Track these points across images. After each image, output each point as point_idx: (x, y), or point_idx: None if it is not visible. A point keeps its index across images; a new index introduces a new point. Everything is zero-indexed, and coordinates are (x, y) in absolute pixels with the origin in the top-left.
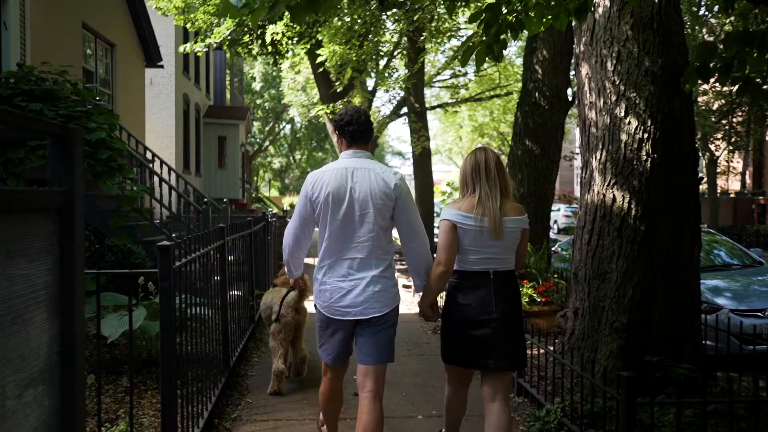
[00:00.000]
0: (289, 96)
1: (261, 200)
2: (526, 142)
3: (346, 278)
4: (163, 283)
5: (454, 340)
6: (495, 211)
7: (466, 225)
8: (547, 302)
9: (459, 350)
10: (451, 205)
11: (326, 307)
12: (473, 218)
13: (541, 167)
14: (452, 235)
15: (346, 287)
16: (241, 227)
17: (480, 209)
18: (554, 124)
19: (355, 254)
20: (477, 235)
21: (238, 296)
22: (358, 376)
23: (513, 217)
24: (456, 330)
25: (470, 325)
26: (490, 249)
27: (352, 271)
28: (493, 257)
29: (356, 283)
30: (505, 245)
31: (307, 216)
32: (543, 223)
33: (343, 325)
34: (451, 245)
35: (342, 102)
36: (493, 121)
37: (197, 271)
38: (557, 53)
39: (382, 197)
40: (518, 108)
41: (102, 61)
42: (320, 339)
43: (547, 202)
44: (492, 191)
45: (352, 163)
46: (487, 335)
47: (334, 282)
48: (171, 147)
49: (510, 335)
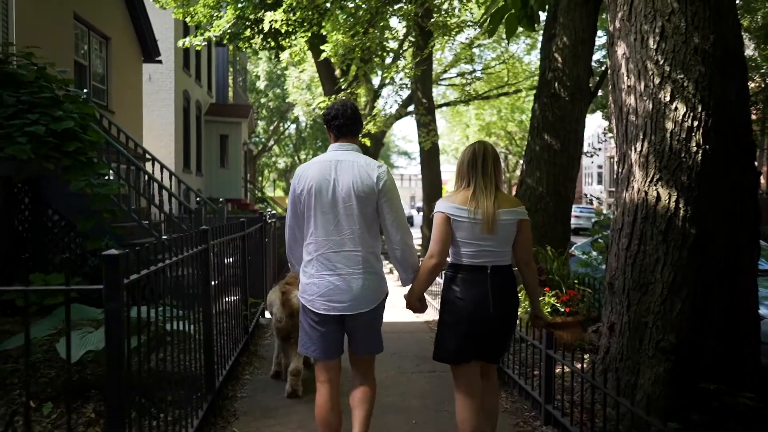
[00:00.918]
0: (293, 95)
1: (265, 200)
2: (545, 137)
3: (333, 272)
4: (110, 304)
5: (450, 337)
6: (488, 206)
7: (459, 217)
8: (572, 312)
9: (453, 346)
10: (446, 197)
11: (312, 301)
12: (467, 210)
13: (561, 163)
14: (446, 227)
15: (334, 282)
16: (232, 229)
17: (473, 203)
18: (575, 116)
19: (340, 247)
20: (470, 228)
21: (229, 304)
22: (350, 361)
23: (507, 209)
24: (454, 326)
25: (468, 322)
26: (485, 242)
27: (339, 265)
28: (489, 250)
29: (343, 278)
30: (500, 238)
31: (297, 210)
32: (563, 224)
33: (330, 320)
34: (445, 238)
35: (345, 93)
36: (500, 120)
37: (170, 280)
38: (578, 40)
39: (365, 189)
40: (536, 100)
41: (96, 54)
42: (303, 337)
43: (567, 201)
44: (487, 186)
45: (337, 156)
46: (484, 332)
47: (320, 275)
48: (170, 145)
49: (503, 331)
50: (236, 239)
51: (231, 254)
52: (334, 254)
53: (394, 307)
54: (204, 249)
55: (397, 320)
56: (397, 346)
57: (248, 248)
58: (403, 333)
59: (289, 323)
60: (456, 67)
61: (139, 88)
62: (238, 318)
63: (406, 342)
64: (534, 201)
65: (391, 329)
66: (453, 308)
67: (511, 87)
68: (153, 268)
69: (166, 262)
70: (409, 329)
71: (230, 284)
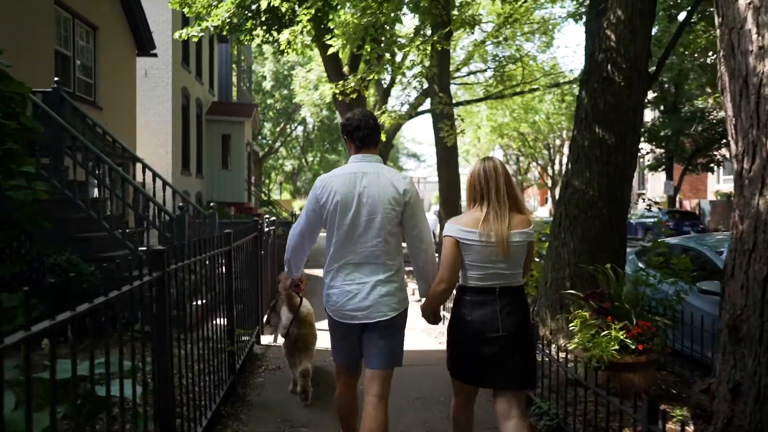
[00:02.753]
0: (300, 95)
1: (270, 204)
2: (596, 130)
3: (353, 282)
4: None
5: (461, 358)
6: (502, 230)
7: (468, 240)
8: (645, 350)
9: (467, 368)
10: (455, 220)
11: (334, 311)
12: (477, 233)
13: (617, 161)
14: (455, 252)
15: (353, 291)
16: (209, 245)
17: (486, 225)
18: (632, 105)
19: (362, 259)
20: (481, 251)
21: (208, 337)
22: (365, 381)
23: (519, 231)
24: (463, 347)
25: (477, 343)
26: (497, 265)
27: (359, 275)
28: (499, 272)
29: (362, 286)
30: (511, 261)
31: (315, 220)
32: (620, 235)
33: (351, 329)
34: (454, 262)
35: (355, 80)
36: (513, 121)
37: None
38: (635, 13)
39: (391, 202)
40: (582, 87)
41: (82, 45)
42: (331, 342)
43: (624, 206)
44: (501, 210)
45: (362, 168)
46: (495, 353)
47: (341, 285)
48: (167, 145)
49: (518, 352)
50: (216, 257)
51: (208, 277)
52: (358, 265)
53: (413, 330)
54: (158, 277)
55: (418, 347)
56: (421, 387)
57: (239, 264)
58: (428, 366)
59: (295, 331)
60: (468, 65)
61: (132, 84)
62: (220, 354)
63: (433, 381)
64: (583, 207)
65: (413, 360)
66: (462, 329)
67: (526, 86)
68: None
69: (77, 310)
70: (433, 359)
71: (209, 314)
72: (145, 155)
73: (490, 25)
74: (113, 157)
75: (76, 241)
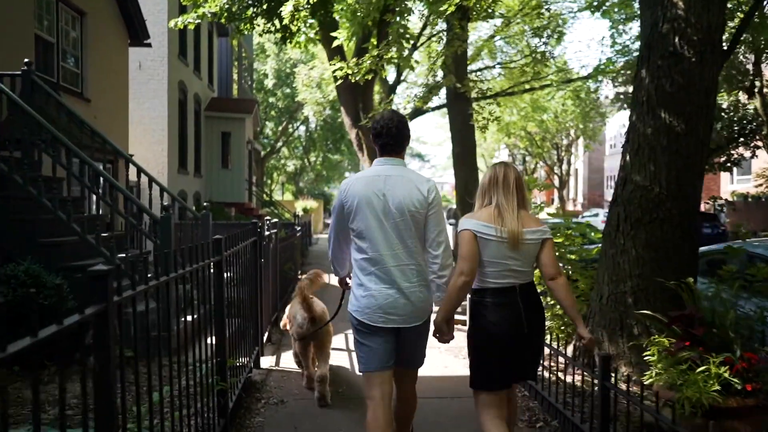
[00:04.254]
0: (303, 93)
1: (272, 204)
2: (661, 115)
3: (391, 286)
4: None
5: (489, 365)
6: (513, 222)
7: (486, 235)
8: (754, 391)
9: (495, 373)
10: (470, 215)
11: (368, 316)
12: (494, 228)
13: (687, 152)
14: (473, 245)
15: (393, 295)
16: (191, 256)
17: (499, 220)
18: (704, 84)
19: (396, 261)
20: (498, 247)
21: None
22: (395, 374)
23: (531, 229)
24: (490, 353)
25: (505, 345)
26: (512, 261)
27: (397, 279)
28: (515, 270)
29: (402, 291)
30: (524, 258)
31: (343, 222)
32: (691, 241)
33: (387, 332)
34: (474, 255)
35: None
36: (521, 120)
37: None
38: None
39: (416, 204)
40: (642, 65)
41: (67, 31)
42: (362, 353)
43: (695, 206)
44: (508, 202)
45: (386, 171)
46: (520, 351)
47: (380, 290)
48: (163, 141)
49: (535, 346)
50: (200, 271)
51: (190, 297)
52: (391, 268)
53: (436, 348)
54: (101, 311)
55: (445, 371)
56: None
57: (232, 274)
58: (463, 399)
59: (311, 328)
60: (477, 61)
61: (124, 75)
62: (208, 394)
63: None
64: (647, 207)
65: (444, 390)
66: (486, 333)
67: (537, 83)
68: None
69: None
70: (466, 389)
71: (192, 339)
72: (139, 152)
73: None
74: (101, 152)
75: (42, 247)
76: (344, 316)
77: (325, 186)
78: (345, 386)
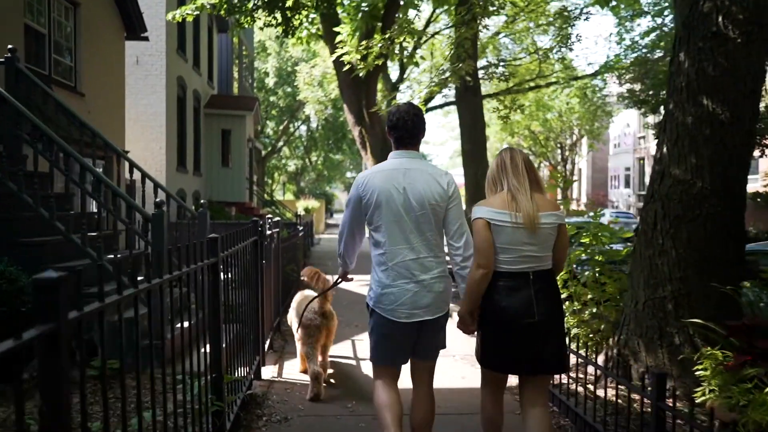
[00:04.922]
0: (304, 92)
1: (274, 204)
2: (704, 102)
3: (411, 280)
4: None
5: (494, 346)
6: (527, 205)
7: (500, 221)
8: None
9: (500, 356)
10: (482, 203)
11: (390, 311)
12: (507, 214)
13: (733, 143)
14: (487, 234)
15: (413, 289)
16: (182, 256)
17: (514, 205)
18: (752, 69)
19: (416, 255)
20: (513, 233)
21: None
22: (412, 370)
23: (547, 213)
24: (496, 334)
25: (512, 330)
26: (527, 246)
27: (417, 273)
28: (530, 255)
29: (423, 284)
30: (541, 242)
31: (359, 216)
32: (736, 241)
33: (406, 327)
34: (489, 245)
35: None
36: (524, 118)
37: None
38: None
39: (436, 197)
40: (680, 47)
41: (59, 21)
42: (378, 347)
43: (741, 203)
44: (521, 184)
45: (404, 164)
46: (530, 339)
47: (401, 284)
48: (161, 139)
49: (552, 337)
50: (191, 275)
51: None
52: (411, 262)
53: (451, 357)
54: (50, 332)
55: (462, 383)
56: None
57: (231, 276)
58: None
59: (323, 322)
60: (481, 59)
61: (120, 70)
62: (201, 416)
63: None
64: (689, 204)
65: (462, 405)
66: (495, 316)
67: (544, 80)
68: None
69: None
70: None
71: (183, 352)
72: (137, 150)
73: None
74: (92, 148)
75: (22, 246)
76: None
77: (326, 186)
78: (354, 401)
